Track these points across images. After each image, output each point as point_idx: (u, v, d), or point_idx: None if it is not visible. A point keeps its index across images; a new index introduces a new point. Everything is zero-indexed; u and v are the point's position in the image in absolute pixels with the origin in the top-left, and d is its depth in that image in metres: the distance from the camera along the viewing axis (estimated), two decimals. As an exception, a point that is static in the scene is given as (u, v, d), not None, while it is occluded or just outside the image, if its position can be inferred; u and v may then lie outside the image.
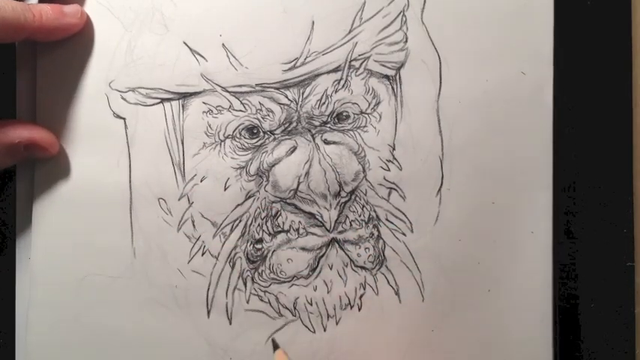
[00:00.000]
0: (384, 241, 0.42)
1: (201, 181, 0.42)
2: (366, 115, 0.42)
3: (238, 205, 0.42)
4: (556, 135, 0.41)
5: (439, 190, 0.42)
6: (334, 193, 0.42)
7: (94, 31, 0.42)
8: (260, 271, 0.42)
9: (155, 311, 0.42)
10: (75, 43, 0.42)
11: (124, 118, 0.42)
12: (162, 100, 0.42)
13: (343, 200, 0.42)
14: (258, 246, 0.42)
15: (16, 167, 0.43)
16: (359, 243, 0.42)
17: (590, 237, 0.41)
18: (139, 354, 0.42)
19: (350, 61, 0.42)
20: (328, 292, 0.42)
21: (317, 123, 0.42)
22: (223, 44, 0.42)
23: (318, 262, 0.42)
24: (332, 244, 0.42)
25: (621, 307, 0.42)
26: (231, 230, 0.42)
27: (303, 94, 0.42)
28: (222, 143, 0.42)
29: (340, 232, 0.42)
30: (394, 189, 0.42)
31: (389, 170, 0.42)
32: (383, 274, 0.42)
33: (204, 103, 0.42)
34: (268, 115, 0.42)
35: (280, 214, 0.42)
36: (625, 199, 0.41)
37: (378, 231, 0.42)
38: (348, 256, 0.42)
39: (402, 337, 0.42)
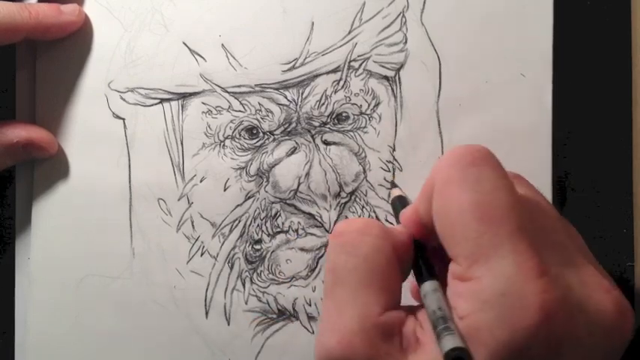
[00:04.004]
0: (384, 242, 0.42)
1: (200, 181, 0.42)
2: (366, 116, 0.42)
3: (238, 205, 0.42)
4: (555, 135, 0.41)
5: (439, 190, 0.42)
6: (334, 194, 0.42)
7: (94, 31, 0.42)
8: (259, 271, 0.42)
9: (153, 311, 0.42)
10: (74, 44, 0.42)
11: (123, 119, 0.42)
12: (162, 101, 0.42)
13: (343, 201, 0.42)
14: (257, 246, 0.42)
15: (16, 168, 0.43)
16: (358, 244, 0.42)
17: (590, 237, 0.40)
18: (137, 354, 0.42)
19: (349, 62, 0.42)
20: (327, 293, 0.42)
21: (316, 124, 0.42)
22: (223, 44, 0.42)
23: (317, 263, 0.42)
24: (331, 244, 0.42)
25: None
26: (231, 231, 0.42)
27: (302, 94, 0.42)
28: (222, 144, 0.42)
29: (339, 233, 0.42)
30: (394, 190, 0.42)
31: (389, 171, 0.42)
32: (382, 274, 0.42)
33: (203, 103, 0.42)
34: (267, 116, 0.42)
35: (280, 215, 0.42)
36: (625, 199, 0.41)
37: (378, 232, 0.42)
38: (348, 256, 0.42)
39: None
